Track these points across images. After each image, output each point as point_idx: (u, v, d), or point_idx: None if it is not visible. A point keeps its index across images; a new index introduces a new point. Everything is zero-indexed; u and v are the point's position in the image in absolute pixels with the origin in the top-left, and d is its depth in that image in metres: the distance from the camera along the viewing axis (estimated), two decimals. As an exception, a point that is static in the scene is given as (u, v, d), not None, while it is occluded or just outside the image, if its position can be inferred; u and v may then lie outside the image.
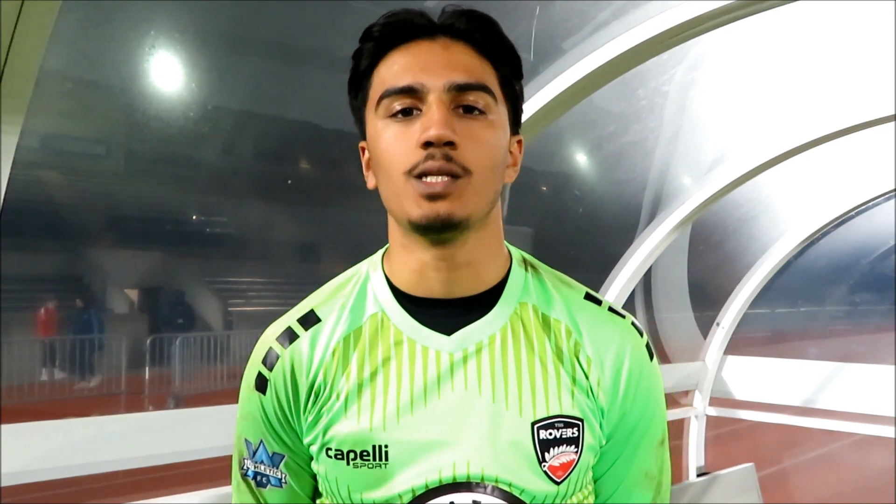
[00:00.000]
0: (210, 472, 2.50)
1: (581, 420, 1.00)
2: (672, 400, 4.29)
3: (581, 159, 4.03)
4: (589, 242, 4.68)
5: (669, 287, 4.34)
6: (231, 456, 1.16)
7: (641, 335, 1.08)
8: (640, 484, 1.09)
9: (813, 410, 4.01)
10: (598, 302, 1.08)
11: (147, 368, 12.37)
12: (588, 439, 1.00)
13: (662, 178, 3.56)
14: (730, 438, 6.90)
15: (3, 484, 1.69)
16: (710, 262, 4.69)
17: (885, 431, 3.71)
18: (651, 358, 1.08)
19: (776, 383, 4.08)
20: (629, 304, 3.83)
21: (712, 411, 4.21)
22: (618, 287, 3.40)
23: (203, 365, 12.46)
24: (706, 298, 4.57)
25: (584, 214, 4.42)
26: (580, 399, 1.01)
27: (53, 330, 13.09)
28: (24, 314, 12.93)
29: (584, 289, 1.10)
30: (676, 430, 4.28)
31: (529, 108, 2.26)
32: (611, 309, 1.09)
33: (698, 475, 4.05)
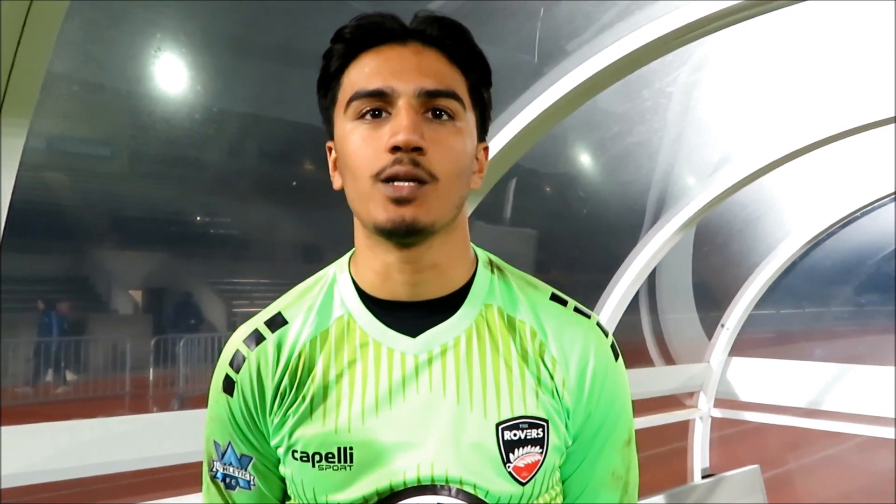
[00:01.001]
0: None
1: (546, 421, 1.00)
2: (677, 401, 4.29)
3: (585, 160, 4.03)
4: (593, 244, 4.67)
5: (674, 288, 4.34)
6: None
7: (607, 335, 1.09)
8: (607, 484, 1.09)
9: (818, 412, 4.00)
10: (564, 302, 1.09)
11: (151, 369, 12.40)
12: (553, 440, 1.01)
13: (667, 180, 3.56)
14: (735, 440, 6.89)
15: (13, 485, 1.70)
16: (714, 263, 4.68)
17: (891, 433, 3.70)
18: (616, 358, 1.08)
19: (781, 385, 4.08)
20: (634, 306, 3.83)
21: (717, 413, 4.20)
22: (622, 288, 3.40)
23: (207, 366, 12.47)
24: (711, 300, 4.57)
25: (589, 215, 4.42)
26: (545, 400, 1.01)
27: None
28: (27, 315, 12.96)
29: (551, 289, 1.10)
30: (681, 431, 4.27)
31: (534, 110, 2.27)
32: (576, 309, 1.09)
33: (703, 477, 4.04)
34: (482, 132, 1.05)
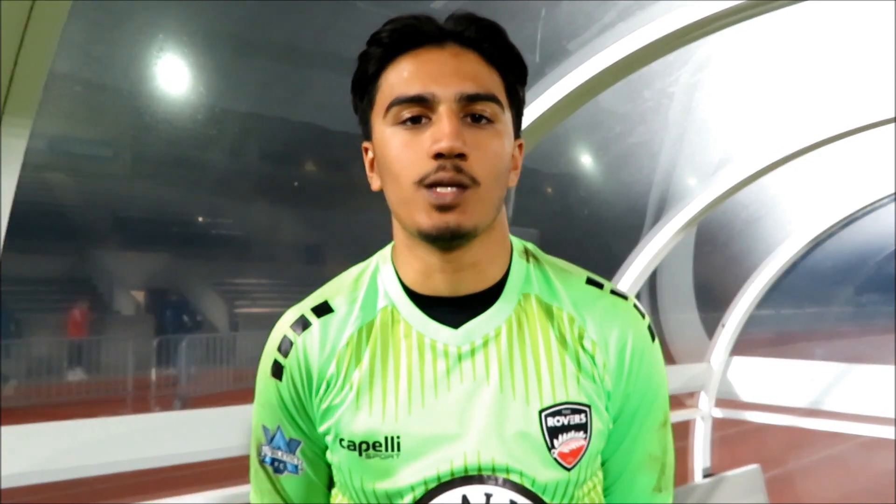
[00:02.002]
0: (217, 472, 2.51)
1: (588, 406, 1.02)
2: (678, 401, 4.29)
3: (587, 161, 4.04)
4: (594, 244, 4.67)
5: (675, 288, 4.34)
6: (232, 458, 1.17)
7: (643, 317, 1.10)
8: (644, 465, 1.10)
9: (819, 412, 4.00)
10: (601, 286, 1.10)
11: (154, 370, 12.41)
12: (596, 424, 1.02)
13: (668, 180, 3.56)
14: (736, 440, 6.88)
15: (13, 485, 1.70)
16: (715, 263, 4.68)
17: (892, 433, 3.70)
18: (653, 340, 1.10)
19: (782, 385, 4.08)
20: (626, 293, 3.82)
21: (718, 413, 4.20)
22: (623, 288, 3.39)
23: (209, 366, 12.49)
24: (712, 299, 4.56)
25: (590, 216, 4.42)
26: (586, 385, 1.02)
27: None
28: (28, 315, 12.98)
29: (586, 273, 1.12)
30: (682, 431, 4.27)
31: (535, 110, 2.27)
32: (613, 291, 1.10)
33: (704, 476, 4.04)
34: (517, 129, 1.06)
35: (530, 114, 2.27)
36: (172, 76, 2.53)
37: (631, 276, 3.39)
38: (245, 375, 12.40)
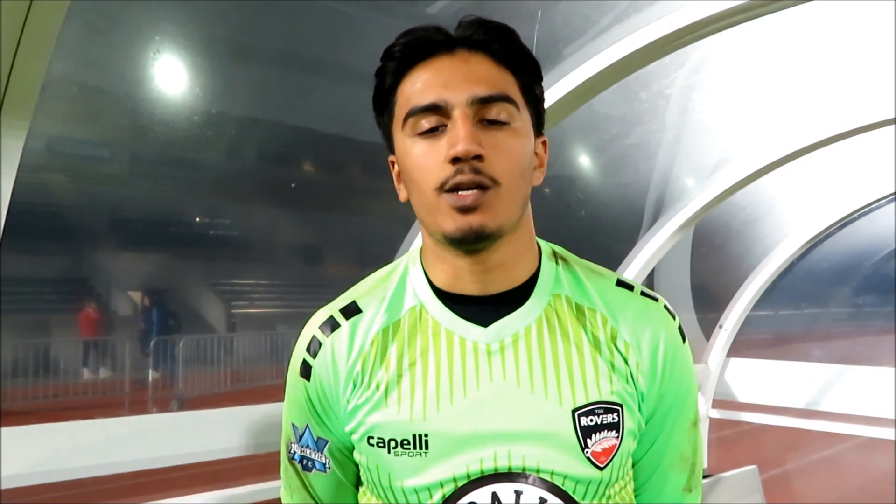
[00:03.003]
0: (214, 473, 2.52)
1: (620, 405, 1.02)
2: (675, 402, 4.28)
3: (584, 162, 4.04)
4: (592, 245, 4.67)
5: (672, 289, 4.34)
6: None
7: (674, 318, 1.11)
8: (675, 466, 1.11)
9: (816, 413, 4.01)
10: (631, 287, 1.12)
11: (151, 370, 12.39)
12: (628, 424, 1.02)
13: (665, 181, 3.57)
14: (733, 441, 6.89)
15: (11, 486, 1.70)
16: (713, 264, 4.69)
17: (889, 434, 3.71)
18: (683, 340, 1.11)
19: (779, 386, 4.08)
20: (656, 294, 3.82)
21: (715, 413, 4.20)
22: (621, 290, 3.40)
23: (207, 367, 12.47)
24: (709, 301, 4.57)
25: (587, 217, 4.42)
26: (619, 385, 1.03)
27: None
28: (30, 316, 12.96)
29: (616, 275, 1.13)
30: (679, 432, 4.27)
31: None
32: (643, 293, 1.12)
33: (701, 477, 4.04)
34: (539, 127, 1.07)
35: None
36: (169, 78, 2.53)
37: (628, 277, 3.39)
38: (242, 376, 12.40)
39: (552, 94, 2.24)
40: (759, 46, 2.70)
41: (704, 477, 3.96)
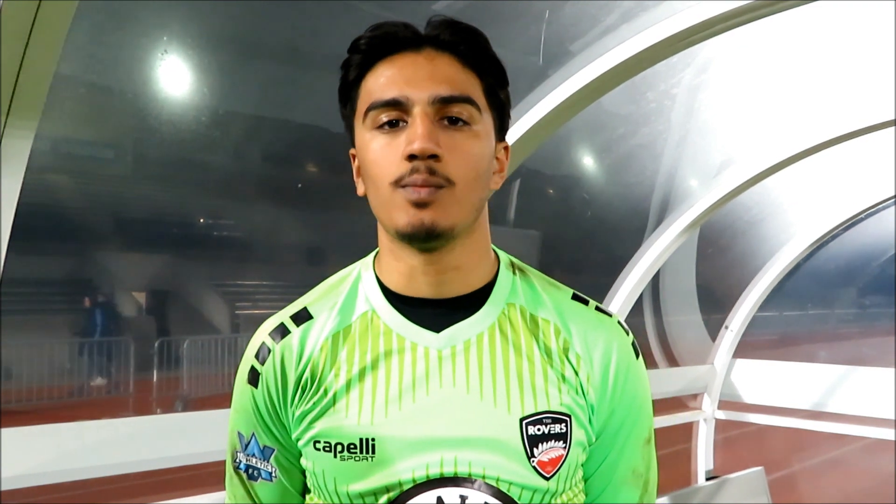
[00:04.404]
0: (218, 474, 2.51)
1: (569, 416, 1.01)
2: (680, 403, 4.28)
3: (589, 162, 4.04)
4: (597, 246, 4.67)
5: (678, 290, 4.33)
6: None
7: (627, 333, 1.10)
8: (627, 482, 1.10)
9: (822, 414, 4.00)
10: (586, 302, 1.11)
11: (155, 371, 12.41)
12: (577, 435, 1.02)
13: (671, 181, 3.56)
14: (739, 442, 6.88)
15: (19, 486, 1.70)
16: (718, 265, 4.68)
17: (894, 435, 3.69)
18: (637, 356, 1.10)
19: (785, 387, 4.07)
20: (637, 308, 3.83)
21: (721, 415, 4.20)
22: (626, 290, 3.40)
23: (211, 367, 12.49)
24: (715, 301, 4.56)
25: (593, 217, 4.42)
26: (568, 396, 1.02)
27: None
28: (31, 317, 12.99)
29: (571, 290, 1.12)
30: (685, 433, 4.27)
31: (538, 112, 2.27)
32: (598, 308, 1.11)
33: (707, 479, 4.04)
34: (501, 132, 1.06)
35: (534, 116, 2.27)
36: (176, 78, 2.54)
37: (634, 278, 3.39)
38: (247, 377, 12.37)
39: (559, 94, 2.24)
40: (765, 47, 2.70)
41: (711, 478, 3.95)
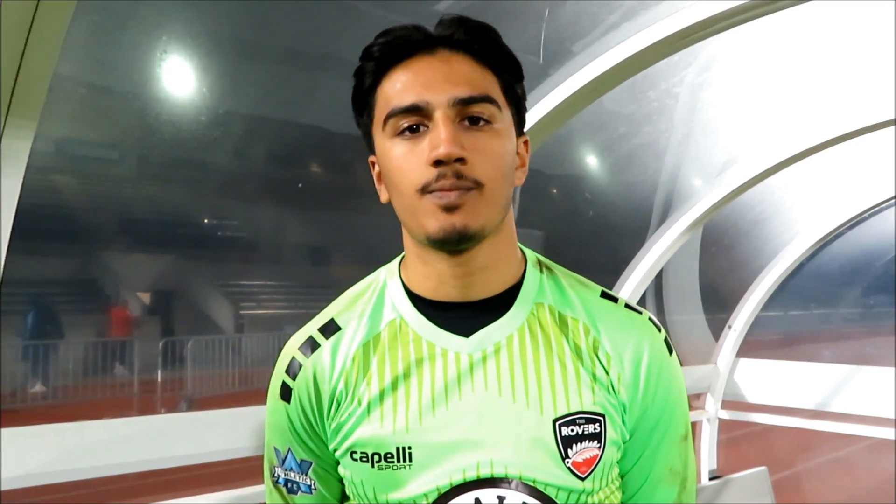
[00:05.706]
0: (222, 474, 2.51)
1: (602, 416, 1.01)
2: (684, 403, 4.26)
3: (592, 161, 4.03)
4: (600, 245, 4.67)
5: (681, 289, 4.32)
6: (243, 458, 1.18)
7: (659, 330, 1.10)
8: (664, 479, 1.09)
9: (826, 414, 3.98)
10: (615, 300, 1.10)
11: (159, 371, 12.43)
12: (610, 434, 1.01)
13: (673, 180, 3.55)
14: (742, 442, 6.87)
15: (20, 486, 1.70)
16: (721, 264, 4.67)
17: (899, 435, 3.68)
18: (670, 353, 1.09)
19: (789, 386, 4.06)
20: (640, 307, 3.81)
21: (724, 414, 4.18)
22: (629, 289, 3.39)
23: (215, 367, 12.51)
24: (718, 301, 4.55)
25: (595, 217, 4.41)
26: (601, 395, 1.02)
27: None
28: (35, 316, 13.01)
29: (600, 288, 1.11)
30: (688, 433, 4.25)
31: (539, 111, 2.26)
32: (627, 306, 1.10)
33: (711, 479, 4.02)
34: (520, 126, 1.06)
35: (534, 115, 2.26)
36: (177, 78, 2.54)
37: (636, 278, 3.38)
38: (250, 377, 12.42)
39: (560, 92, 2.23)
40: (768, 45, 2.69)
41: (714, 478, 3.94)
